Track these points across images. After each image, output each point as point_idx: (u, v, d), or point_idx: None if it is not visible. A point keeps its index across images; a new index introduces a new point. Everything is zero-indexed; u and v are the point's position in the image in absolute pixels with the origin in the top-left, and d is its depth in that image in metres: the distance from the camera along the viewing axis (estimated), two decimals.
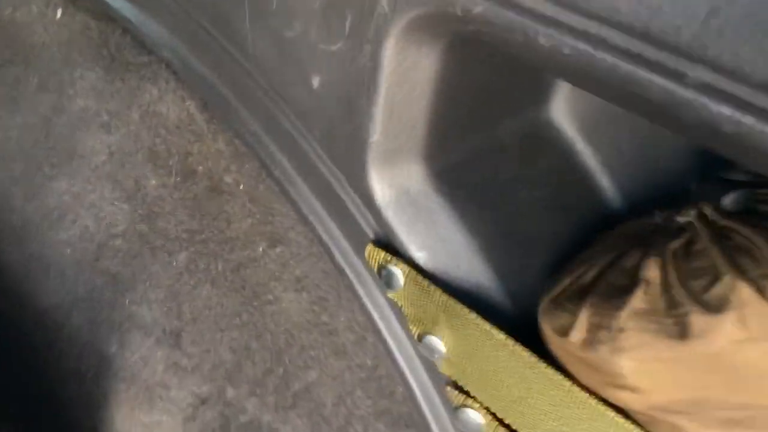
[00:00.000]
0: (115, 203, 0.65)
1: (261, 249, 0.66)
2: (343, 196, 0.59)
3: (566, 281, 0.50)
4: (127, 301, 0.64)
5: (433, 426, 0.60)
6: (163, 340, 0.64)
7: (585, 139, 0.60)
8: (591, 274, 0.48)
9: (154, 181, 0.66)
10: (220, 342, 0.64)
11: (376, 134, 0.53)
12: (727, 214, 0.45)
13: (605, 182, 0.60)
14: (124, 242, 0.65)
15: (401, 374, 0.60)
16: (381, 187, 0.55)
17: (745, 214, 0.45)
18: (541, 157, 0.59)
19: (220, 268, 0.65)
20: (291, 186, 0.63)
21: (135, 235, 0.64)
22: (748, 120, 0.32)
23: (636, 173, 0.60)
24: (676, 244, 0.45)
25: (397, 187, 0.55)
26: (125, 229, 0.65)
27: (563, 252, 0.57)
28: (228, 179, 0.68)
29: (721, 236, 0.44)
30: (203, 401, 0.64)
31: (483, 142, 0.58)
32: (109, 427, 0.65)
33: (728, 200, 0.46)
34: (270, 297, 0.65)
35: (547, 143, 0.60)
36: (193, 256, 0.65)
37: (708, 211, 0.46)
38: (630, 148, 0.60)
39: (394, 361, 0.60)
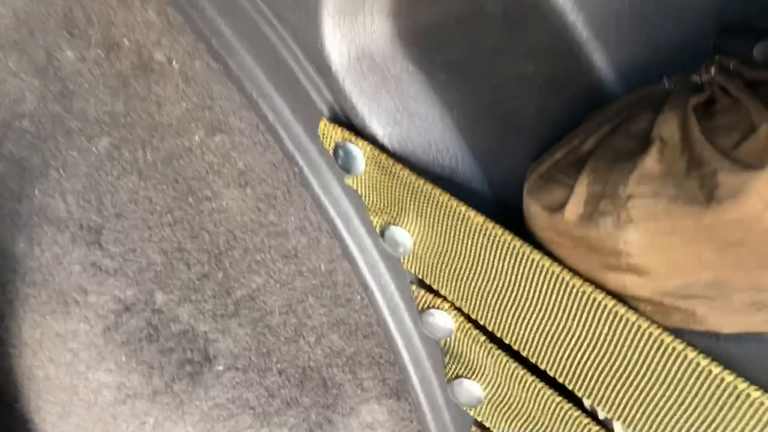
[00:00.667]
0: (23, 77, 0.55)
1: (197, 137, 0.57)
2: (293, 64, 0.50)
3: (559, 153, 0.42)
4: (36, 191, 0.55)
5: (396, 335, 0.52)
6: (80, 237, 0.54)
7: (577, 6, 0.51)
8: (590, 143, 0.40)
9: (70, 54, 0.56)
10: (149, 241, 0.55)
11: None
12: (757, 65, 0.37)
13: (599, 57, 0.52)
14: (32, 123, 0.55)
15: (360, 277, 0.52)
16: (338, 49, 0.46)
17: None
18: (528, 26, 0.51)
19: (149, 157, 0.56)
20: (231, 58, 0.53)
21: (47, 116, 0.54)
22: None
23: (635, 48, 0.52)
24: (696, 100, 0.37)
25: (358, 48, 0.46)
26: (34, 107, 0.55)
27: (552, 133, 0.49)
28: (159, 55, 0.58)
29: (749, 88, 0.36)
30: (128, 308, 0.55)
31: (463, 3, 0.49)
32: (15, 338, 0.56)
33: (758, 50, 0.38)
34: (208, 193, 0.56)
35: (535, 10, 0.51)
36: (116, 142, 0.56)
37: (732, 64, 0.38)
38: (629, 17, 0.51)
39: (352, 262, 0.52)
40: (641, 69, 0.52)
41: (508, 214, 0.46)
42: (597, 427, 0.43)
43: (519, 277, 0.42)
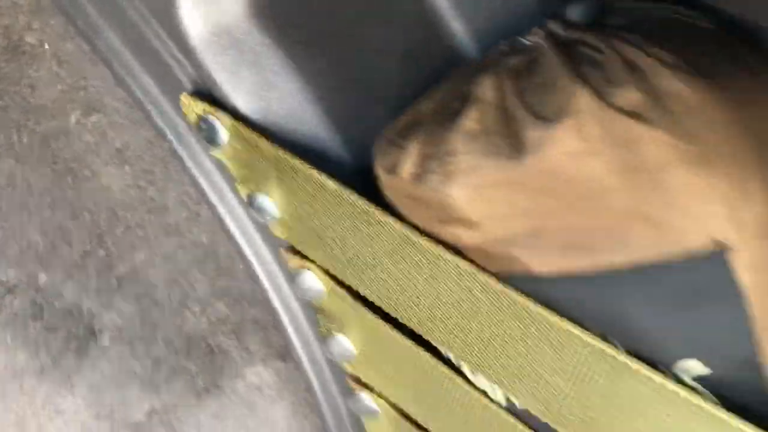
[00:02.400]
0: None
1: (74, 118, 0.57)
2: (156, 42, 0.51)
3: (402, 119, 0.44)
4: None
5: (275, 299, 0.54)
6: None
7: None
8: (426, 106, 0.43)
9: None
10: (29, 223, 0.55)
11: None
12: (574, 27, 0.40)
13: (458, 25, 0.54)
14: None
15: (236, 246, 0.54)
16: (196, 26, 0.48)
17: (594, 26, 0.41)
18: None
19: (25, 140, 0.56)
20: (98, 39, 0.54)
21: None
22: None
23: (491, 15, 0.54)
24: (515, 61, 0.40)
25: (215, 24, 0.48)
26: None
27: (411, 100, 0.51)
28: (30, 38, 0.58)
29: (565, 49, 0.39)
30: (10, 289, 0.56)
31: None
32: None
33: (574, 12, 0.41)
34: (87, 173, 0.57)
35: None
36: None
37: (555, 27, 0.41)
38: None
39: (227, 232, 0.54)
40: (497, 35, 0.55)
41: (370, 181, 0.48)
42: (448, 371, 0.46)
43: (372, 237, 0.45)
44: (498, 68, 0.40)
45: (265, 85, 0.49)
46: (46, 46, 0.58)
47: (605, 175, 0.36)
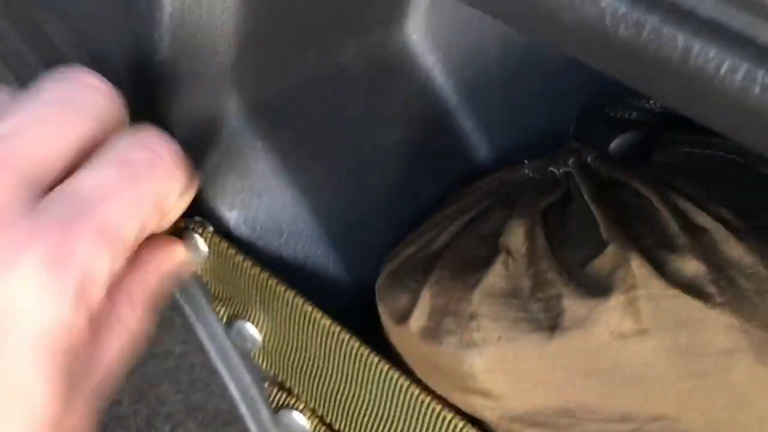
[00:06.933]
0: None
1: None
2: None
3: (411, 249, 0.38)
4: None
5: (253, 428, 0.48)
6: None
7: (446, 70, 0.48)
8: (441, 240, 0.37)
9: None
10: None
11: (162, 49, 0.39)
12: (615, 162, 0.35)
13: (470, 125, 0.49)
14: None
15: (214, 367, 0.48)
16: None
17: (639, 162, 0.35)
18: (393, 90, 0.47)
19: None
20: None
21: None
22: None
23: (507, 115, 0.49)
24: (547, 201, 0.34)
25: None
26: None
27: (416, 207, 0.45)
28: None
29: (605, 191, 0.33)
30: None
31: (319, 67, 0.45)
32: None
33: (616, 144, 0.35)
34: None
35: (400, 72, 0.47)
36: None
37: (590, 158, 0.35)
38: (501, 81, 0.48)
39: (204, 350, 0.48)
40: (514, 138, 0.49)
41: (369, 300, 0.42)
42: None
43: (371, 384, 0.38)
44: (526, 209, 0.34)
45: (253, 194, 0.43)
46: None
47: (658, 359, 0.29)
